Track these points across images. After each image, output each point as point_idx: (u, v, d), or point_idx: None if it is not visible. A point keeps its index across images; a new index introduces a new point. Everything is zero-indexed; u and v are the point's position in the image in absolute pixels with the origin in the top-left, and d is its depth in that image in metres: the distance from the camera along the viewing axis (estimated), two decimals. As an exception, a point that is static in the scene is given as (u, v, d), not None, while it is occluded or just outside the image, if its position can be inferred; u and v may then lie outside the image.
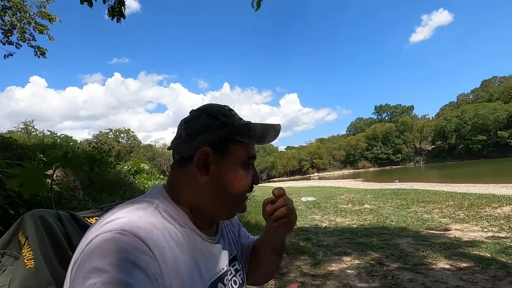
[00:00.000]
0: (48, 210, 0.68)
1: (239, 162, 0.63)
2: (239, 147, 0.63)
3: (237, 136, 0.63)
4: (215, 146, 0.62)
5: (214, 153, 0.62)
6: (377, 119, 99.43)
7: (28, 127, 15.85)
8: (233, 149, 0.63)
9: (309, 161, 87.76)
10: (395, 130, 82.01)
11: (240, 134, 0.63)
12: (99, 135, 40.07)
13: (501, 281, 2.53)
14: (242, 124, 0.65)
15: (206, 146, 0.62)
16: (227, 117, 0.65)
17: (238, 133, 0.63)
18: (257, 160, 3.62)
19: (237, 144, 0.63)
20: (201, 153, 0.62)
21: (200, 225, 0.64)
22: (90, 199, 3.97)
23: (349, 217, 7.13)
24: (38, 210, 0.65)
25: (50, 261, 0.61)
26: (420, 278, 2.72)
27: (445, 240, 4.14)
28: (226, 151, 0.63)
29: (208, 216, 0.65)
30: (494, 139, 58.29)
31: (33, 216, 0.63)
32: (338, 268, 3.17)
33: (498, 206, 6.61)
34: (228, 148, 0.63)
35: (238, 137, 0.63)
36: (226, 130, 0.63)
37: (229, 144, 0.63)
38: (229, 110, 0.68)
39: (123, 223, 0.50)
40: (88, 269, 0.44)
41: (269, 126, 0.66)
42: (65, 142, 7.45)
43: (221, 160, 0.62)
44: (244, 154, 0.64)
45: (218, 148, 0.62)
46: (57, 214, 0.69)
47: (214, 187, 0.62)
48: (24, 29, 7.39)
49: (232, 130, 0.63)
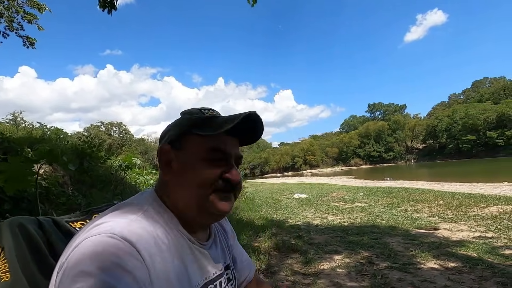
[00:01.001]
0: (27, 217, 0.64)
1: (199, 156, 0.60)
2: (196, 139, 0.60)
3: (192, 129, 0.60)
4: (172, 142, 0.62)
5: (172, 149, 0.61)
6: (370, 117, 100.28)
7: (17, 118, 15.46)
8: (189, 142, 0.61)
9: (302, 158, 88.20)
10: (388, 128, 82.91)
11: (196, 127, 0.61)
12: (91, 128, 39.42)
13: (487, 281, 2.58)
14: (204, 117, 0.62)
15: (164, 144, 0.62)
16: (190, 113, 0.63)
17: (193, 125, 0.61)
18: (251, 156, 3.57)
19: (193, 137, 0.60)
20: (160, 151, 0.62)
21: (190, 229, 0.63)
22: (80, 194, 3.89)
23: (340, 215, 7.19)
24: (16, 218, 0.62)
25: (29, 272, 0.58)
26: (408, 277, 2.76)
27: (434, 239, 4.21)
28: (182, 145, 0.61)
29: (190, 219, 0.62)
30: (483, 139, 59.48)
31: (10, 225, 0.60)
32: (329, 266, 3.19)
33: (485, 206, 6.75)
34: (183, 141, 0.61)
35: (193, 130, 0.60)
36: (183, 125, 0.62)
37: (184, 138, 0.61)
38: (201, 109, 0.64)
39: (112, 226, 0.49)
40: (75, 272, 0.43)
41: (235, 116, 0.60)
42: (56, 135, 7.27)
43: (179, 154, 0.61)
44: (203, 146, 0.60)
45: (174, 144, 0.62)
46: (37, 221, 0.66)
47: (178, 184, 0.60)
48: (12, 18, 7.17)
49: (187, 124, 0.62)
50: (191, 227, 0.63)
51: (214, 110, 0.66)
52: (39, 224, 0.65)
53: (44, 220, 0.67)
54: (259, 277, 0.91)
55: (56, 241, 0.66)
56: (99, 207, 0.83)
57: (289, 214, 7.66)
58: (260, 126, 0.66)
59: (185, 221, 0.62)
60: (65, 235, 0.68)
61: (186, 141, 0.61)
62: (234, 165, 0.64)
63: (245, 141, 0.69)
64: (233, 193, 0.64)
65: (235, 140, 0.65)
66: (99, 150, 5.41)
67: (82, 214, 0.81)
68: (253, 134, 0.68)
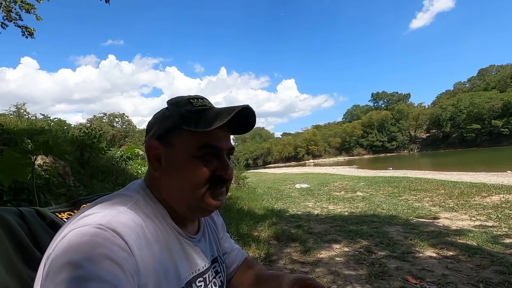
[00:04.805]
0: (8, 207, 0.64)
1: (190, 152, 0.58)
2: (187, 135, 0.58)
3: (182, 124, 0.57)
4: (161, 138, 0.59)
5: (161, 145, 0.59)
6: (373, 106, 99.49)
7: (20, 110, 15.52)
8: (180, 138, 0.58)
9: (305, 148, 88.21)
10: (391, 117, 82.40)
11: (184, 121, 0.58)
12: (93, 119, 39.57)
13: (485, 270, 2.59)
14: (192, 110, 0.59)
15: (153, 139, 0.60)
16: (178, 105, 0.60)
17: (182, 120, 0.58)
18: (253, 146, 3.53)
19: (184, 133, 0.58)
20: (148, 147, 0.60)
21: (179, 222, 0.62)
22: (81, 185, 3.93)
23: (341, 204, 7.21)
24: (-5, 209, 0.61)
25: (11, 263, 0.57)
26: (406, 266, 2.77)
27: (433, 228, 4.21)
28: (172, 141, 0.58)
29: (178, 212, 0.61)
30: (488, 128, 58.92)
31: (-12, 217, 0.59)
32: (328, 255, 3.22)
33: (487, 195, 6.72)
34: (172, 138, 0.58)
35: (184, 125, 0.57)
36: (172, 120, 0.59)
37: (173, 134, 0.58)
38: (190, 99, 0.61)
39: (100, 217, 0.48)
40: (61, 263, 0.42)
41: (226, 109, 0.58)
42: (59, 126, 7.29)
43: (169, 151, 0.59)
44: (194, 142, 0.58)
45: (164, 140, 0.59)
46: (19, 212, 0.65)
47: (170, 182, 0.59)
48: (10, 8, 7.08)
49: (176, 119, 0.59)
50: (181, 220, 0.63)
51: (203, 98, 0.64)
52: (21, 215, 0.65)
53: (25, 210, 0.66)
54: (251, 260, 0.89)
55: (40, 232, 0.66)
56: (87, 198, 0.83)
57: (290, 204, 7.71)
58: (253, 119, 0.64)
59: (175, 214, 0.61)
60: (50, 226, 0.68)
61: (175, 137, 0.58)
62: (227, 160, 0.62)
63: (236, 131, 0.67)
64: (226, 187, 0.63)
65: (226, 131, 0.63)
66: (100, 141, 5.43)
67: (69, 204, 0.81)
68: (245, 126, 0.66)
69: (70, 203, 0.81)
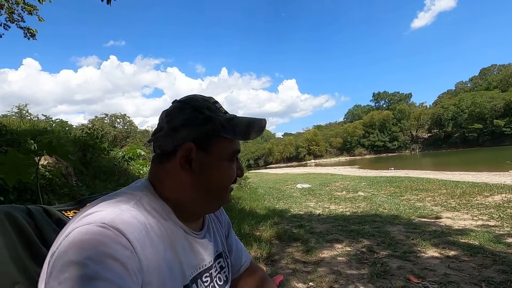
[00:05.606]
0: (16, 205, 0.65)
1: (223, 158, 0.62)
2: (224, 142, 0.62)
3: (221, 132, 0.60)
4: (199, 142, 0.60)
5: (197, 149, 0.60)
6: (375, 106, 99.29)
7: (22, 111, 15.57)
8: (217, 145, 0.61)
9: (306, 148, 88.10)
10: (393, 117, 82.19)
11: (225, 130, 0.61)
12: (95, 120, 39.64)
13: (487, 269, 2.58)
14: (227, 118, 0.62)
15: (189, 142, 0.60)
16: (212, 111, 0.62)
17: (222, 128, 0.61)
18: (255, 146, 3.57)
19: (222, 140, 0.61)
20: (184, 149, 0.59)
21: (184, 219, 0.63)
22: (84, 185, 3.95)
23: (342, 204, 7.21)
24: (3, 207, 0.62)
25: (19, 261, 0.58)
26: (408, 265, 2.77)
27: (435, 228, 4.21)
28: (210, 147, 0.61)
29: (192, 211, 0.63)
30: (490, 127, 58.69)
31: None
32: (330, 255, 3.22)
33: (489, 195, 6.70)
34: (212, 144, 0.61)
35: (222, 133, 0.60)
36: (210, 126, 0.60)
37: (213, 140, 0.61)
38: (214, 103, 0.65)
39: (103, 215, 0.49)
40: (64, 262, 0.43)
41: (253, 121, 0.63)
42: (61, 127, 7.32)
43: (204, 156, 0.60)
44: (229, 149, 0.63)
45: (202, 144, 0.60)
46: (27, 209, 0.66)
47: (197, 182, 0.61)
48: (12, 9, 7.12)
49: (216, 126, 0.61)
50: (186, 217, 0.63)
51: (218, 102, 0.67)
52: (28, 212, 0.66)
53: (33, 208, 0.67)
54: (255, 265, 0.91)
55: (47, 230, 0.66)
56: (92, 197, 0.83)
57: (291, 204, 7.71)
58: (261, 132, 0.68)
59: (180, 211, 0.62)
60: (56, 224, 0.69)
61: (214, 143, 0.61)
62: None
63: None
64: None
65: None
66: (102, 141, 5.45)
67: (75, 203, 0.82)
68: None
69: (75, 202, 0.82)
